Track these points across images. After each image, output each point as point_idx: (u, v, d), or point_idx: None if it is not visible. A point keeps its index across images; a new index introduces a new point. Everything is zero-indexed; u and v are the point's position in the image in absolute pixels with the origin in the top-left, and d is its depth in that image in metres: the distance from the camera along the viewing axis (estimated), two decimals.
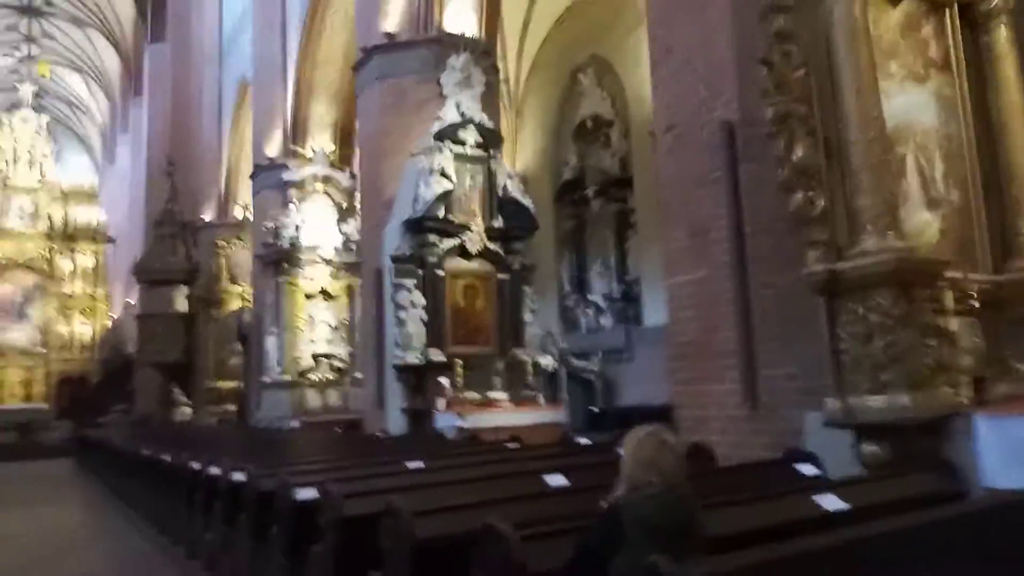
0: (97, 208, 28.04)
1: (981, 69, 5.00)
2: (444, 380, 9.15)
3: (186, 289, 20.34)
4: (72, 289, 26.25)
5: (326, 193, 14.41)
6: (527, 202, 10.17)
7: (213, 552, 5.67)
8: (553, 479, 4.16)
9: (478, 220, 9.74)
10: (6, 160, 25.47)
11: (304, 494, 4.02)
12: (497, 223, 9.92)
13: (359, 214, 12.91)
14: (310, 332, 14.21)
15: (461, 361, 9.27)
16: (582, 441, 6.45)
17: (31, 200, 25.68)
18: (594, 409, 13.49)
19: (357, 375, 12.82)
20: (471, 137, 9.81)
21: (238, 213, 19.04)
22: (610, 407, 13.41)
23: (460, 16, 10.48)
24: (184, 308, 20.34)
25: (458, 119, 9.75)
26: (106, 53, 32.30)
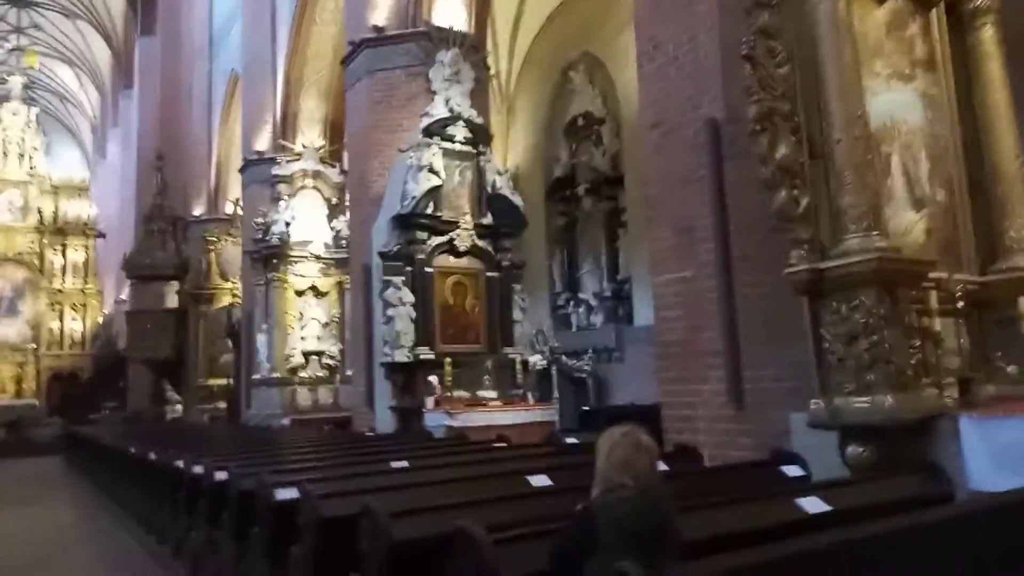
0: (88, 202, 27.88)
1: (967, 68, 5.00)
2: (433, 378, 9.12)
3: (176, 285, 20.23)
4: (63, 284, 26.11)
5: (316, 189, 14.32)
6: (516, 199, 10.13)
7: (197, 552, 5.63)
8: (537, 479, 4.14)
9: (467, 217, 9.68)
10: None
11: (284, 494, 3.98)
12: (486, 220, 9.87)
13: (348, 210, 12.85)
14: (300, 329, 14.13)
15: (450, 359, 9.23)
16: (569, 440, 6.43)
17: (21, 194, 25.49)
18: (586, 408, 13.47)
19: (348, 372, 12.77)
20: (460, 133, 9.76)
21: (228, 208, 18.91)
22: (601, 406, 13.39)
23: (449, 10, 10.42)
24: (174, 304, 20.23)
25: (447, 115, 9.70)
26: (97, 46, 32.06)
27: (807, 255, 4.06)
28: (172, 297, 20.47)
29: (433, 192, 9.41)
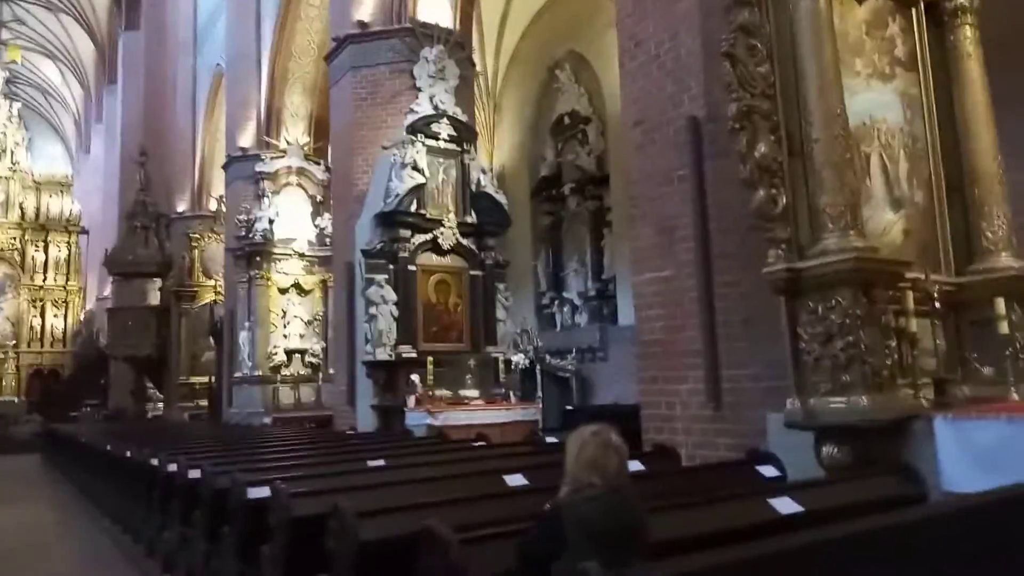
0: (70, 198, 27.59)
1: (947, 69, 5.01)
2: (415, 377, 9.06)
3: (159, 282, 20.04)
4: (44, 281, 25.84)
5: (300, 186, 14.24)
6: (501, 197, 10.10)
7: (170, 551, 5.56)
8: (513, 479, 4.11)
9: (451, 215, 9.64)
10: None
11: (257, 492, 3.92)
12: (470, 218, 9.83)
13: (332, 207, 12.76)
14: (283, 327, 14.05)
15: (432, 358, 9.18)
16: (550, 440, 6.40)
17: (2, 189, 25.24)
18: (569, 408, 13.45)
19: (331, 371, 12.69)
20: (445, 131, 9.72)
21: (212, 205, 18.76)
22: (585, 406, 13.38)
23: (434, 6, 10.37)
24: (157, 302, 20.04)
25: (431, 112, 9.66)
26: (80, 40, 31.69)
27: (785, 254, 4.05)
28: (155, 294, 20.27)
29: (417, 190, 9.36)
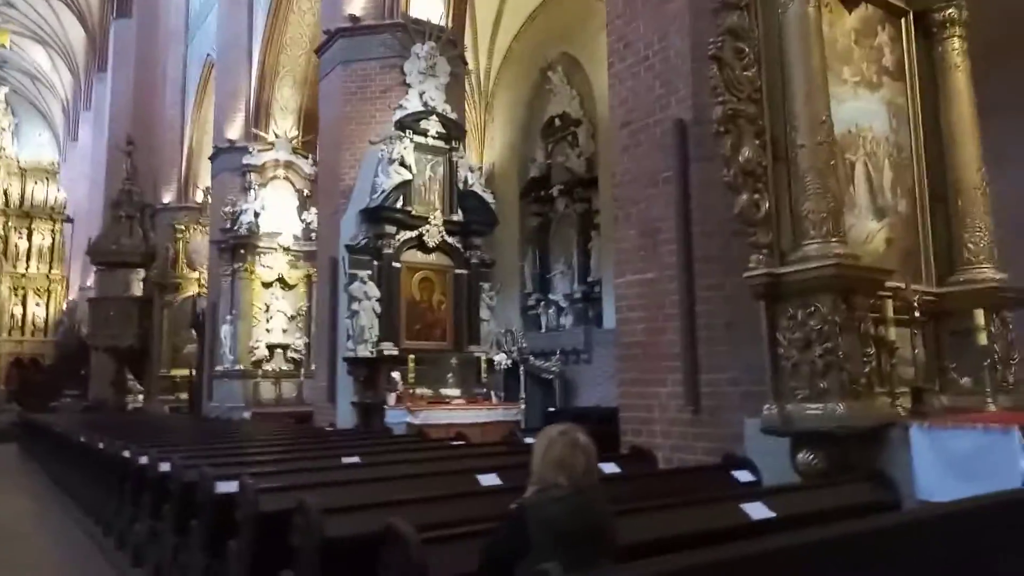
0: (56, 186, 27.34)
1: (934, 79, 5.02)
2: (396, 375, 9.01)
3: (143, 273, 19.85)
4: (27, 269, 25.58)
5: (287, 179, 14.14)
6: (488, 197, 10.05)
7: (140, 544, 5.48)
8: (486, 478, 4.07)
9: (437, 213, 9.58)
10: None
11: (226, 487, 3.86)
12: (457, 217, 9.78)
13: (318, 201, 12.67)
14: (266, 321, 13.93)
15: (414, 356, 9.13)
16: (528, 440, 6.36)
17: None
18: (551, 409, 13.40)
19: (312, 367, 12.60)
20: (433, 127, 9.66)
21: (199, 197, 18.60)
22: (567, 407, 13.34)
23: (427, 3, 10.32)
24: (140, 293, 19.85)
25: (421, 108, 9.60)
26: (71, 26, 31.39)
27: (766, 259, 4.03)
28: (138, 285, 20.07)
29: (403, 186, 9.30)
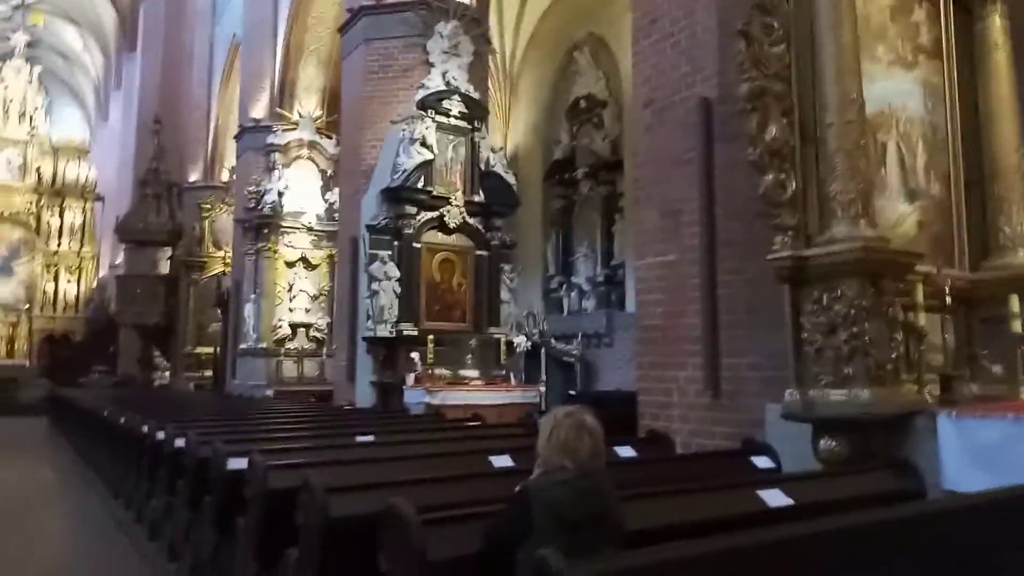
0: (87, 164, 27.65)
1: (972, 58, 4.82)
2: (415, 355, 8.99)
3: (170, 251, 20.08)
4: (59, 246, 25.96)
5: (311, 159, 14.13)
6: (510, 178, 9.94)
7: (156, 519, 5.52)
8: (500, 460, 4.01)
9: (459, 194, 9.50)
10: None
11: (238, 464, 3.84)
12: (478, 198, 9.69)
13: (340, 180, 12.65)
14: (289, 300, 14.00)
15: (433, 336, 9.09)
16: None
17: (19, 153, 25.27)
18: (571, 393, 13.33)
19: (333, 346, 12.64)
20: (456, 107, 9.56)
21: (224, 176, 18.71)
22: (588, 391, 13.26)
23: None
24: (167, 271, 20.10)
25: (443, 88, 9.50)
26: (102, 7, 31.67)
27: (791, 241, 3.91)
28: (166, 264, 20.32)
29: (425, 166, 9.23)
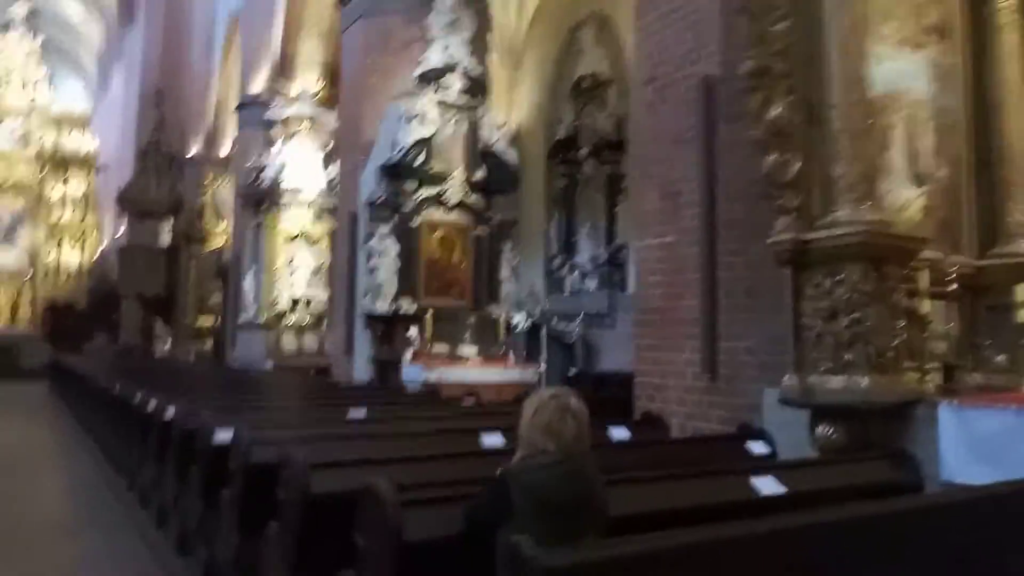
0: (89, 135, 27.50)
1: (982, 39, 4.68)
2: (413, 331, 8.94)
3: (171, 223, 20.02)
4: (61, 216, 25.90)
5: (311, 134, 14.00)
6: (509, 156, 9.83)
7: (146, 487, 5.50)
8: (490, 439, 3.95)
9: (458, 171, 9.40)
10: None
11: (223, 436, 3.80)
12: (478, 175, 9.58)
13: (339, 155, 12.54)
14: (289, 275, 13.94)
15: (431, 313, 9.04)
16: None
17: (21, 124, 25.15)
18: (571, 372, 13.28)
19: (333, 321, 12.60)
20: (456, 83, 9.44)
21: (225, 149, 18.58)
22: (588, 371, 13.21)
23: None
24: (168, 243, 20.06)
25: (443, 63, 9.36)
26: None
27: (793, 224, 3.81)
28: (167, 236, 20.27)
29: (424, 142, 9.12)
